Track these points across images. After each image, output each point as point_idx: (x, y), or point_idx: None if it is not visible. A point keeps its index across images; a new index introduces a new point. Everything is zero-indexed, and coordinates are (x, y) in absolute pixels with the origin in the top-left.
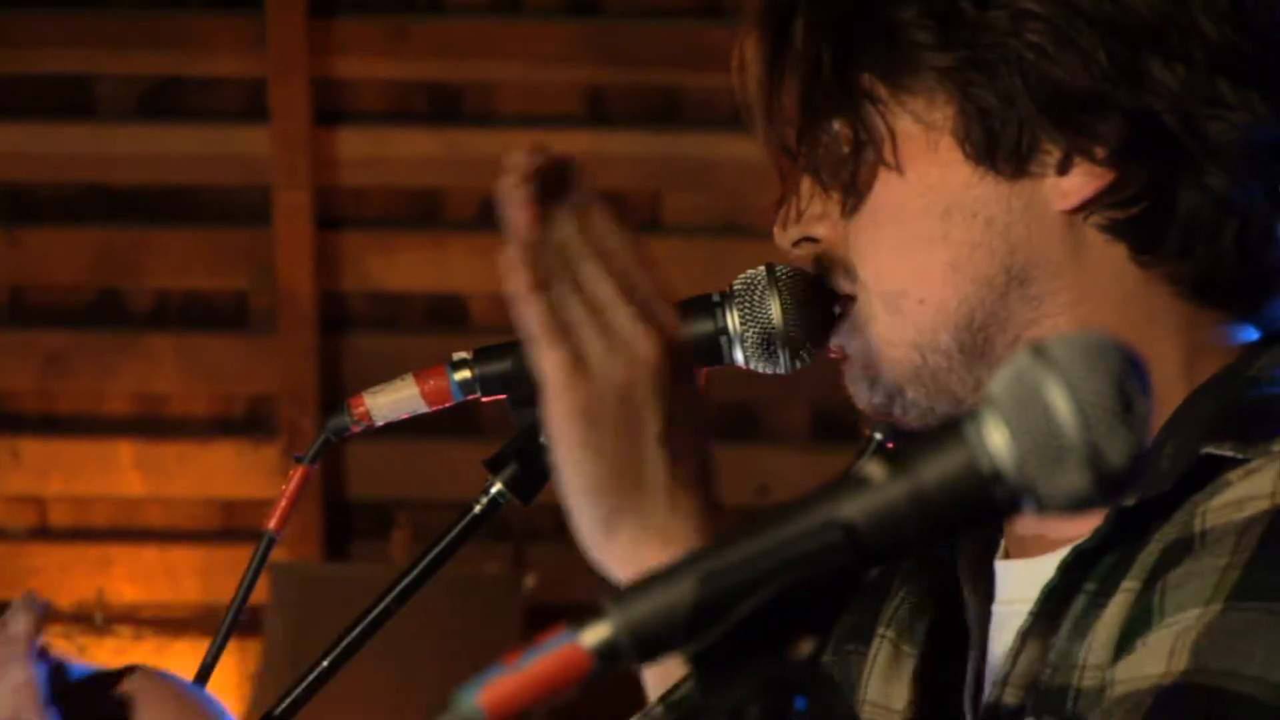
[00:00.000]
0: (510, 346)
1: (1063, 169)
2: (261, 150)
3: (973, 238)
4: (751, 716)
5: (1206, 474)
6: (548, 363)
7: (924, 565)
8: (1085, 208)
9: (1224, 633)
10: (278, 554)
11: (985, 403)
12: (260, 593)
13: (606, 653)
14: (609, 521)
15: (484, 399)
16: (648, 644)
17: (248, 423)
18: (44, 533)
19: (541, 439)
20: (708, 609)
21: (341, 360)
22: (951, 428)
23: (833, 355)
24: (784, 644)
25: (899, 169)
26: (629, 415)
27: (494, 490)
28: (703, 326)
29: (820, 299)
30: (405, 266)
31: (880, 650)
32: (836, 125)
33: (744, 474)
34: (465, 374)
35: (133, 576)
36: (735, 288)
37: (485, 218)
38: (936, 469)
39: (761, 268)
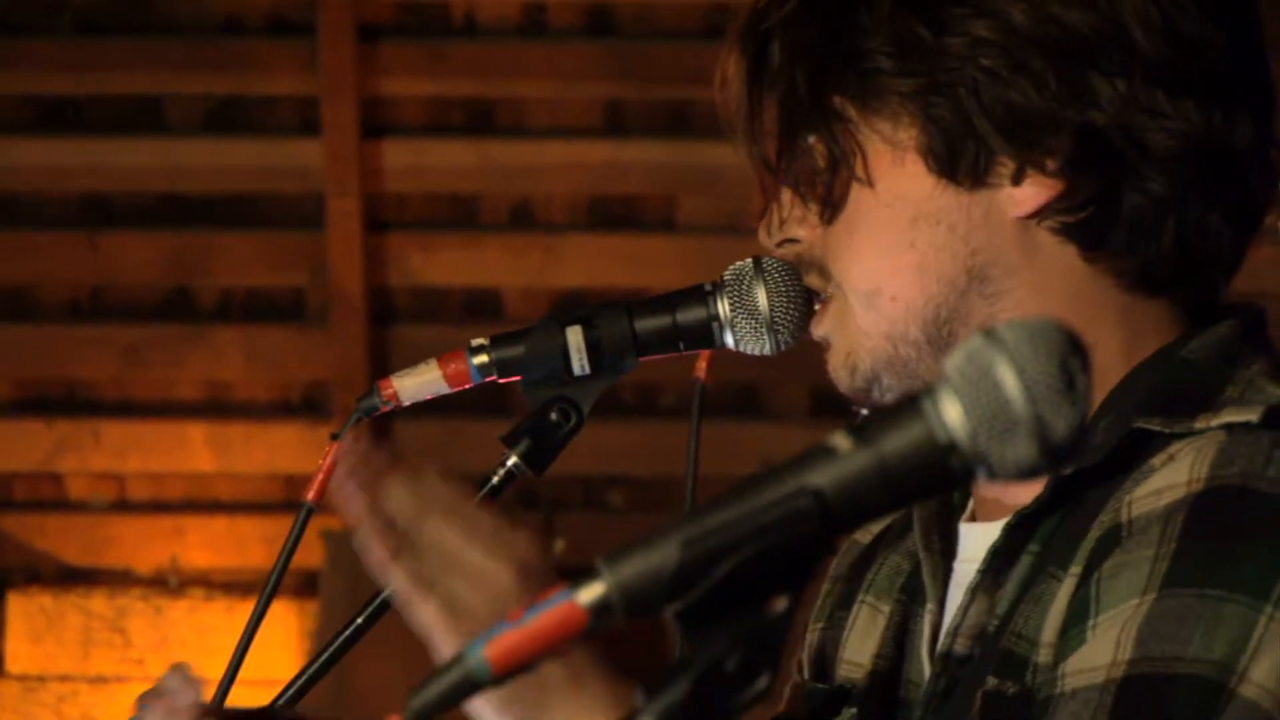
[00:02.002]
0: (523, 333)
1: (1016, 180)
2: (315, 162)
3: (937, 242)
4: (731, 667)
5: (1136, 447)
6: (427, 615)
7: (899, 537)
8: (1037, 214)
9: (1161, 620)
10: (332, 522)
11: (941, 380)
12: (317, 558)
13: (600, 610)
14: None
15: (500, 380)
16: (636, 602)
17: (305, 405)
18: (123, 506)
19: (553, 416)
20: (690, 570)
21: (388, 349)
22: (910, 403)
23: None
24: (760, 601)
25: (870, 183)
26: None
27: (510, 463)
28: (697, 313)
29: (803, 289)
30: (444, 264)
31: (859, 613)
32: (811, 141)
33: (748, 449)
34: (483, 358)
35: (204, 544)
36: (725, 278)
37: (516, 220)
38: (897, 441)
39: (749, 260)
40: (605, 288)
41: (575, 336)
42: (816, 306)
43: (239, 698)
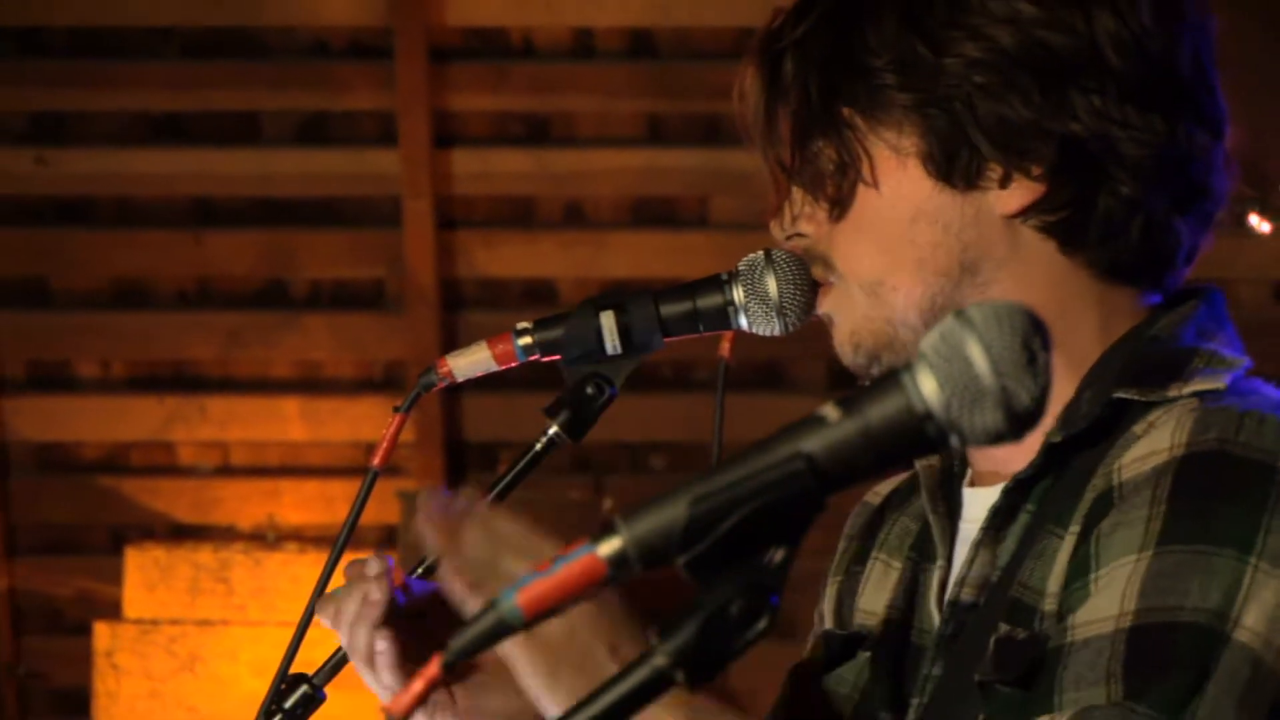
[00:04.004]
0: (563, 317)
1: (1004, 183)
2: (392, 169)
3: (934, 239)
4: (735, 611)
5: (1117, 415)
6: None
7: (906, 499)
8: (1022, 213)
9: (1160, 575)
10: (407, 483)
11: (918, 357)
12: (395, 515)
13: (618, 561)
14: None
15: (543, 359)
16: (650, 554)
17: (385, 382)
18: (226, 471)
19: (589, 390)
20: (698, 525)
21: (456, 333)
22: (892, 377)
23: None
24: (760, 552)
25: (875, 185)
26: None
27: (551, 432)
28: (714, 299)
29: (808, 278)
30: (506, 258)
31: (873, 569)
32: (821, 146)
33: (770, 420)
34: (527, 339)
35: (297, 504)
36: (739, 268)
37: (568, 219)
38: (880, 410)
39: (761, 252)
40: (646, 277)
41: (608, 320)
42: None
43: (329, 638)
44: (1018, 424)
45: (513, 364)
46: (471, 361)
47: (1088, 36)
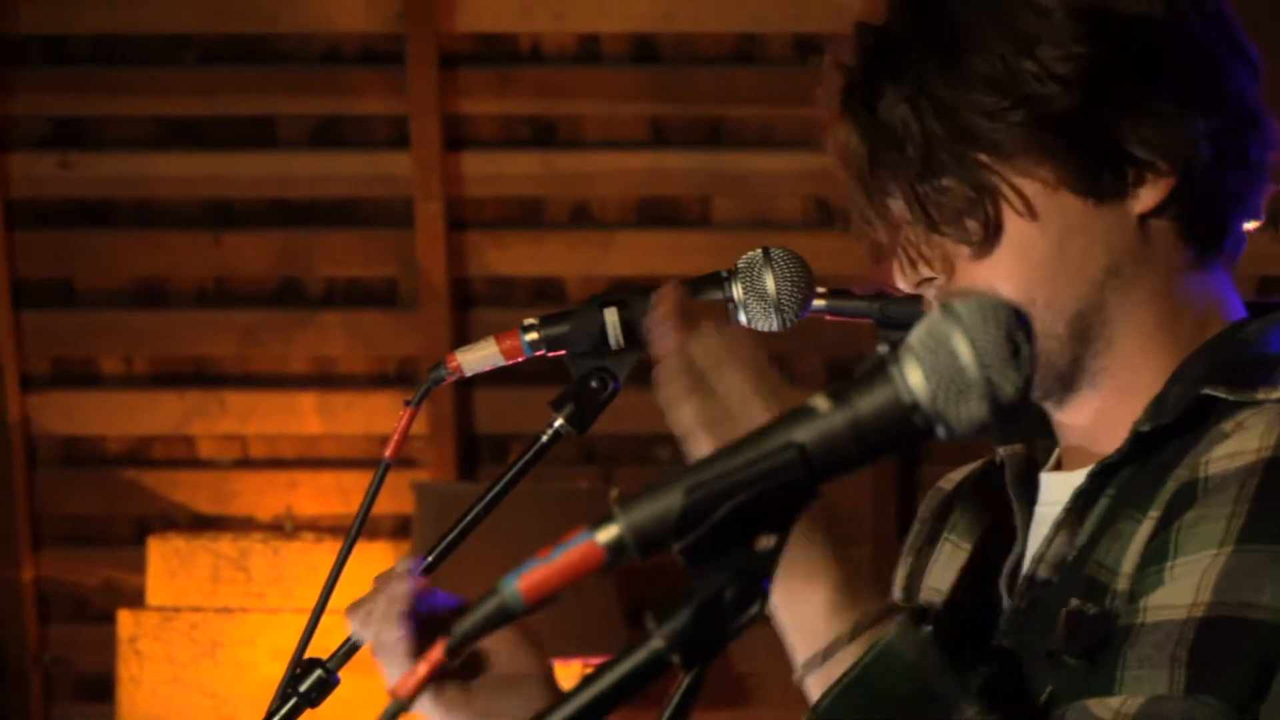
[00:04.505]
0: (568, 314)
1: (1138, 184)
2: (404, 171)
3: (1083, 250)
4: (729, 596)
5: (1203, 411)
6: (708, 446)
7: (977, 486)
8: (1158, 209)
9: (1237, 572)
10: (421, 474)
11: (904, 349)
12: (408, 505)
13: (615, 548)
14: None
15: (549, 354)
16: (647, 541)
17: (398, 378)
18: (245, 463)
19: (593, 384)
20: (692, 513)
21: (467, 330)
22: (879, 369)
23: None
24: (753, 540)
25: (1031, 216)
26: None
27: (556, 424)
28: (714, 295)
29: (805, 275)
30: (515, 257)
31: (943, 549)
32: (951, 186)
33: None
34: (534, 335)
35: (314, 495)
36: (739, 266)
37: (575, 219)
38: (869, 401)
39: (760, 250)
40: (651, 275)
41: (612, 316)
42: (820, 290)
43: (338, 626)
44: (1001, 414)
45: (519, 359)
46: (480, 357)
47: (1165, 17)
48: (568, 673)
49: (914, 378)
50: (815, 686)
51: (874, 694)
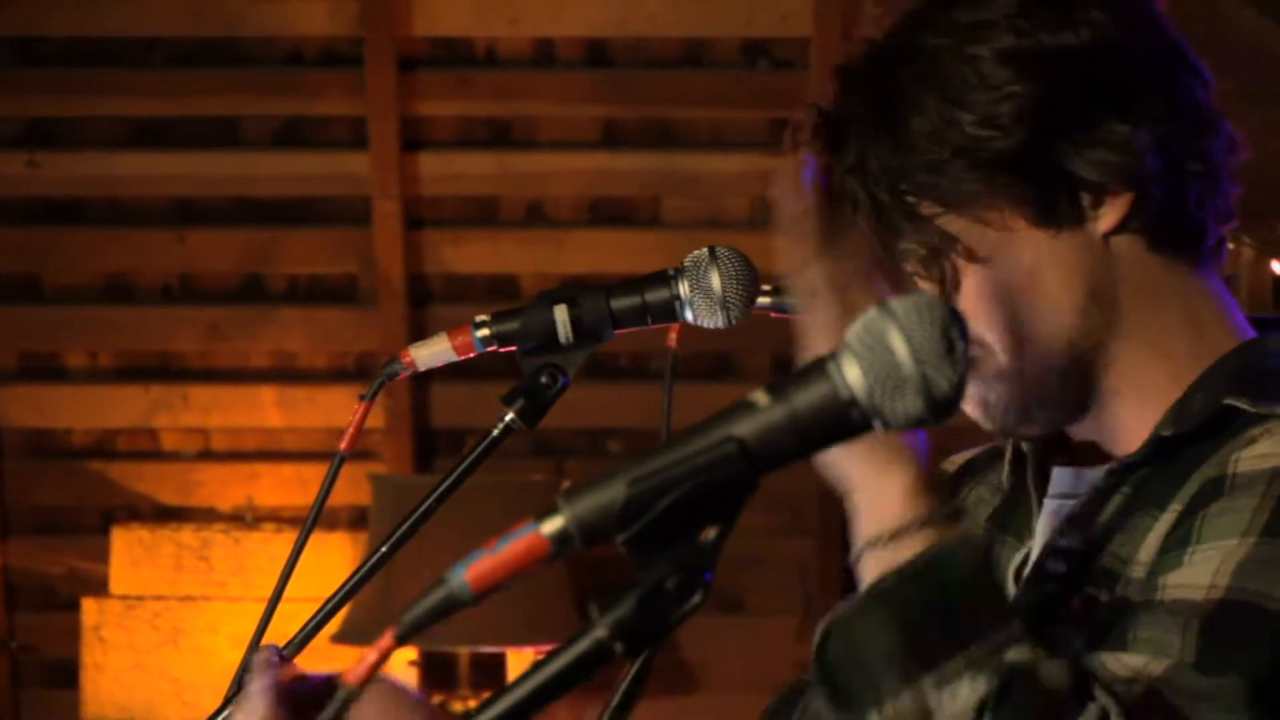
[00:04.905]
0: (519, 311)
1: (1096, 206)
2: (363, 170)
3: (1062, 279)
4: (671, 586)
5: (1225, 420)
6: (820, 317)
7: (985, 470)
8: (1120, 226)
9: (1258, 562)
10: (378, 466)
11: (842, 346)
12: (366, 496)
13: (560, 539)
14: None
15: (501, 350)
16: (590, 533)
17: (357, 373)
18: (207, 455)
19: (543, 379)
20: (635, 505)
21: (425, 326)
22: (817, 366)
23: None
24: (694, 531)
25: (986, 260)
26: None
27: (507, 419)
28: (662, 293)
29: (750, 274)
30: (471, 255)
31: None
32: (907, 245)
33: (720, 408)
34: (485, 331)
35: (274, 487)
36: (685, 264)
37: (530, 218)
38: (807, 397)
39: (706, 249)
40: (603, 273)
41: (562, 313)
42: (766, 288)
43: (302, 612)
44: (937, 410)
45: (472, 354)
46: (432, 352)
47: (1096, 45)
48: (521, 660)
49: (851, 374)
50: (874, 566)
51: (937, 584)
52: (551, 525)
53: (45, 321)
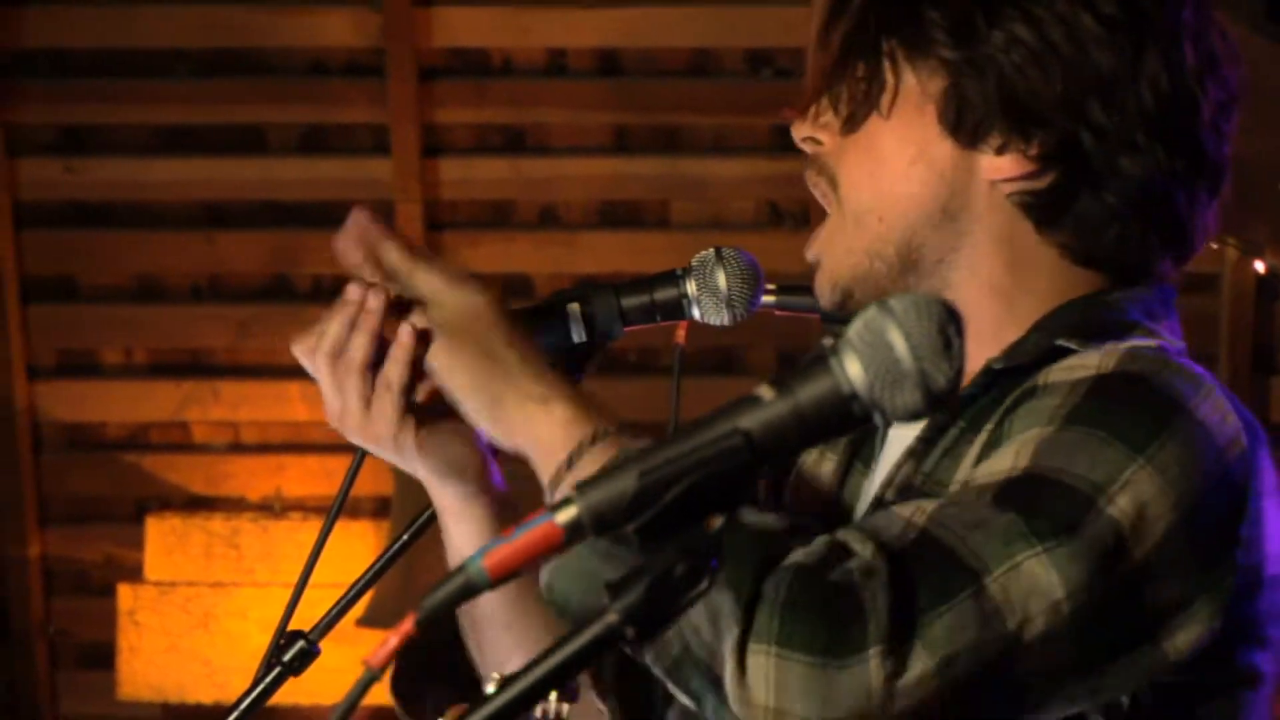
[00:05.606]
0: (534, 309)
1: (1000, 151)
2: (385, 176)
3: (926, 179)
4: (679, 573)
5: (1054, 358)
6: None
7: None
8: (1006, 182)
9: (1056, 444)
10: None
11: (844, 342)
12: (389, 486)
13: (573, 528)
14: (496, 404)
15: None
16: (602, 521)
17: None
18: (237, 448)
19: None
20: (645, 495)
21: None
22: (820, 361)
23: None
24: (701, 520)
25: (888, 116)
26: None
27: None
28: (669, 292)
29: (754, 273)
30: (487, 256)
31: (809, 455)
32: (859, 66)
33: (726, 400)
34: None
35: (300, 478)
36: (693, 264)
37: (543, 221)
38: (810, 391)
39: (712, 249)
40: (612, 273)
41: (574, 311)
42: (769, 287)
43: (327, 598)
44: (934, 403)
45: None
46: None
47: (1130, 68)
48: None
49: (853, 369)
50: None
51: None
52: (565, 515)
53: (81, 320)
